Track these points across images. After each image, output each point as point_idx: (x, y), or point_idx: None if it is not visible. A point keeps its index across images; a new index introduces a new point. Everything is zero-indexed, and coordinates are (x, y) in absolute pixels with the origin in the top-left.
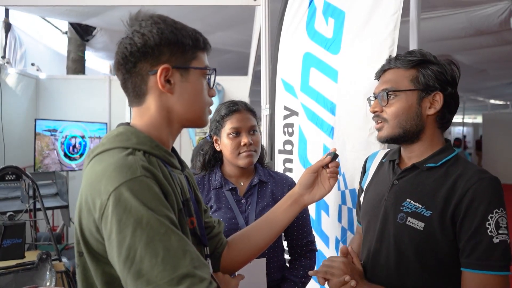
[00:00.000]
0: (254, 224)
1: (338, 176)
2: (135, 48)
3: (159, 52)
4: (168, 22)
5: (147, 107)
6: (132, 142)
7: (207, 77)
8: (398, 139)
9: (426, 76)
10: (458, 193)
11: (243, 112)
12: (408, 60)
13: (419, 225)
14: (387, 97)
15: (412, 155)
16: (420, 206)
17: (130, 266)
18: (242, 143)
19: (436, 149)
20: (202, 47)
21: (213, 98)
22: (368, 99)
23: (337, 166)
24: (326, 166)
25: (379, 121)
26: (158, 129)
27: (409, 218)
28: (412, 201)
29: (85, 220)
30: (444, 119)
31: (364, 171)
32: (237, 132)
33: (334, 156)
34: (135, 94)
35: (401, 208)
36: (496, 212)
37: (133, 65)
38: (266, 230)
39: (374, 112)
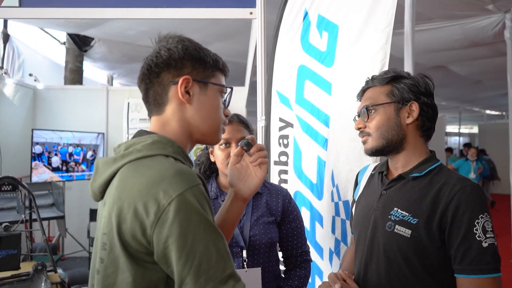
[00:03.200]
0: None
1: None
2: (161, 59)
3: (182, 65)
4: (193, 42)
5: (167, 116)
6: (168, 151)
7: (223, 96)
8: (383, 150)
9: (400, 89)
10: (443, 202)
11: (235, 123)
12: (383, 78)
13: (406, 232)
14: (367, 113)
15: (398, 165)
16: (407, 214)
17: (190, 267)
18: (231, 154)
19: (420, 159)
20: (221, 68)
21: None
22: (354, 119)
23: (260, 149)
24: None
25: (364, 136)
26: (180, 141)
27: (396, 226)
28: (399, 210)
29: (127, 224)
30: (424, 127)
31: (356, 183)
32: (226, 143)
33: (248, 144)
34: (156, 103)
35: (389, 216)
36: (482, 217)
37: (156, 75)
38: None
39: (358, 129)
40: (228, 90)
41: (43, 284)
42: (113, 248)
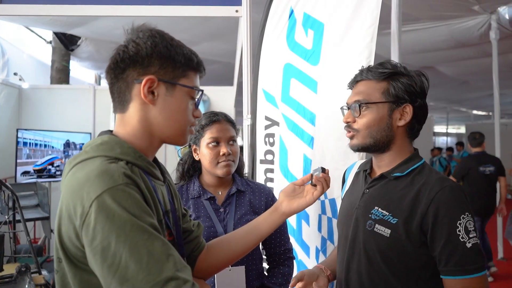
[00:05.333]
0: (235, 231)
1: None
2: (127, 55)
3: (149, 63)
4: (165, 37)
5: (130, 115)
6: (116, 152)
7: (194, 97)
8: (368, 148)
9: (397, 89)
10: (423, 202)
11: (223, 122)
12: (379, 72)
13: (386, 231)
14: (360, 109)
15: (381, 163)
16: (387, 214)
17: (115, 272)
18: (221, 153)
19: (404, 157)
20: (195, 67)
21: (199, 108)
22: (341, 108)
23: (326, 179)
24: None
25: (350, 131)
26: (140, 140)
27: (376, 225)
28: (380, 209)
29: (65, 227)
30: (413, 129)
31: (343, 181)
32: (216, 142)
33: (323, 170)
34: (120, 100)
35: (370, 215)
36: (463, 218)
37: (121, 71)
38: (246, 237)
39: (346, 122)
40: (199, 91)
41: (26, 286)
42: (59, 250)
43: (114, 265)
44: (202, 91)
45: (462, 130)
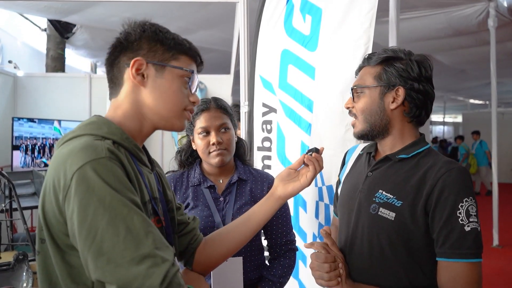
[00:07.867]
0: (233, 222)
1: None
2: (119, 42)
3: (138, 47)
4: (156, 25)
5: (121, 98)
6: (103, 131)
7: (187, 81)
8: (368, 135)
9: (389, 73)
10: (428, 184)
11: (212, 110)
12: (376, 57)
13: (390, 215)
14: (353, 94)
15: (385, 148)
16: (392, 197)
17: (90, 244)
18: (210, 143)
19: (408, 143)
20: (186, 51)
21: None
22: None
23: (318, 159)
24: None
25: (353, 117)
26: (130, 121)
27: (381, 209)
28: (384, 192)
29: (48, 203)
30: (411, 113)
31: (343, 163)
32: (206, 132)
33: (316, 150)
34: (113, 85)
35: (374, 199)
36: (466, 201)
37: (115, 58)
38: (243, 226)
39: (347, 108)
40: (192, 74)
41: (24, 273)
42: (43, 229)
43: (90, 237)
44: (193, 71)
45: (459, 119)
